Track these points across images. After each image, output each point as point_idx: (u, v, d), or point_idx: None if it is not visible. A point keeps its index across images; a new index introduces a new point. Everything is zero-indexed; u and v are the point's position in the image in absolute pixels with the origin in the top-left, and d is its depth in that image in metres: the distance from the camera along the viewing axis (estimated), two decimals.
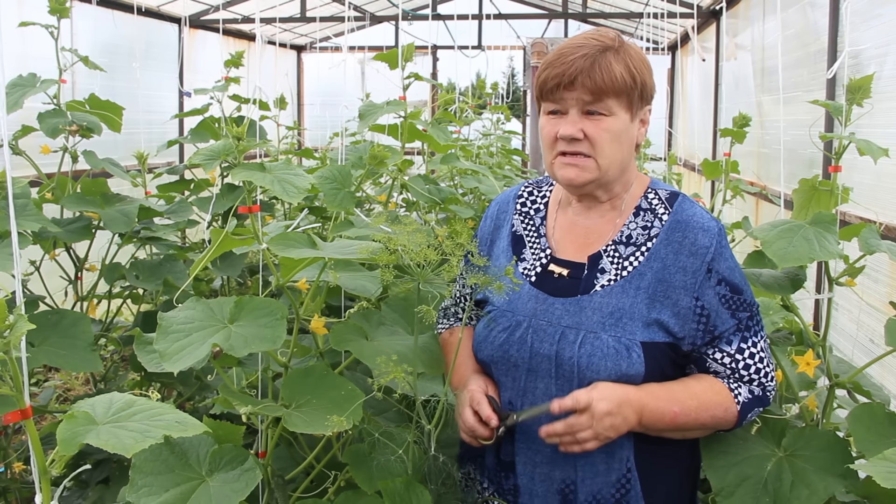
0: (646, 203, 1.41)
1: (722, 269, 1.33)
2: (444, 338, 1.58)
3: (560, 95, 1.33)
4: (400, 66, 2.23)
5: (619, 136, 1.34)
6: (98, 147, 2.51)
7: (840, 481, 1.29)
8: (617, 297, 1.34)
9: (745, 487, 1.33)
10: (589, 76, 1.30)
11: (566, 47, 1.35)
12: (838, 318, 2.88)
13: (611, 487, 1.34)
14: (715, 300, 1.32)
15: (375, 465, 1.36)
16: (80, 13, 4.76)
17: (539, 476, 1.37)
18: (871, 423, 1.33)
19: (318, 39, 8.36)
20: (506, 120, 4.40)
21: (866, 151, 1.51)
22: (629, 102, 1.34)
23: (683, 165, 6.64)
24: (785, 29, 4.15)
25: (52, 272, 2.54)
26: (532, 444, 1.36)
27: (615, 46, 1.34)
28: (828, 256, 1.40)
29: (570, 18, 7.68)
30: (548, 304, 1.37)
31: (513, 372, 1.38)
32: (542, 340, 1.35)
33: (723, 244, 1.35)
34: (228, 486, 1.16)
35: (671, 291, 1.32)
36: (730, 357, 1.34)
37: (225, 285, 2.98)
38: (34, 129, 2.34)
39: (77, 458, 1.95)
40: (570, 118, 1.34)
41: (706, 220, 1.37)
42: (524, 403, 1.36)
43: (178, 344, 1.21)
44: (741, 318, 1.34)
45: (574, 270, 1.40)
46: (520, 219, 1.52)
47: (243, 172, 1.38)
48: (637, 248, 1.37)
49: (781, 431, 1.40)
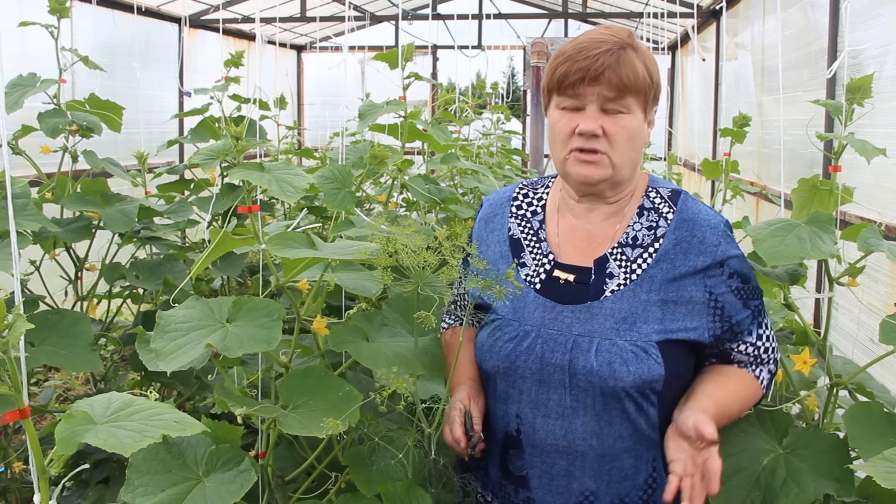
0: (648, 202, 1.39)
1: (732, 263, 1.34)
2: (446, 337, 1.55)
3: (581, 90, 1.29)
4: (400, 66, 2.23)
5: (634, 135, 1.32)
6: (98, 147, 2.51)
7: (833, 484, 1.29)
8: (629, 302, 1.31)
9: (737, 479, 1.33)
10: (615, 72, 1.28)
11: (586, 42, 1.31)
12: (838, 318, 2.88)
13: (638, 490, 1.32)
14: (728, 294, 1.33)
15: (375, 469, 1.35)
16: (80, 13, 4.76)
17: (556, 489, 1.33)
18: (867, 421, 1.32)
19: (318, 39, 8.36)
20: (506, 120, 4.39)
21: (861, 151, 1.51)
22: (645, 101, 1.33)
23: (683, 165, 6.64)
24: (785, 29, 4.15)
25: (52, 272, 2.53)
26: (547, 457, 1.32)
27: (633, 44, 1.32)
28: (820, 256, 1.39)
29: (570, 18, 7.68)
30: (556, 313, 1.34)
31: (521, 384, 1.33)
32: (553, 350, 1.31)
33: (730, 237, 1.36)
34: (224, 486, 1.16)
35: (683, 291, 1.32)
36: (752, 346, 1.37)
37: (225, 285, 2.98)
38: (34, 129, 2.34)
39: (76, 458, 1.95)
40: (588, 114, 1.30)
41: (712, 216, 1.37)
42: (535, 416, 1.32)
43: (174, 343, 1.20)
44: (753, 305, 1.36)
45: (581, 276, 1.36)
46: (516, 222, 1.47)
47: (242, 172, 1.38)
48: (644, 249, 1.35)
49: (785, 429, 1.40)
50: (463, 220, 2.39)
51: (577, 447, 1.31)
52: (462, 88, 6.19)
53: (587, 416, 1.29)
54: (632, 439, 1.31)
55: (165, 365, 1.16)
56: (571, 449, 1.31)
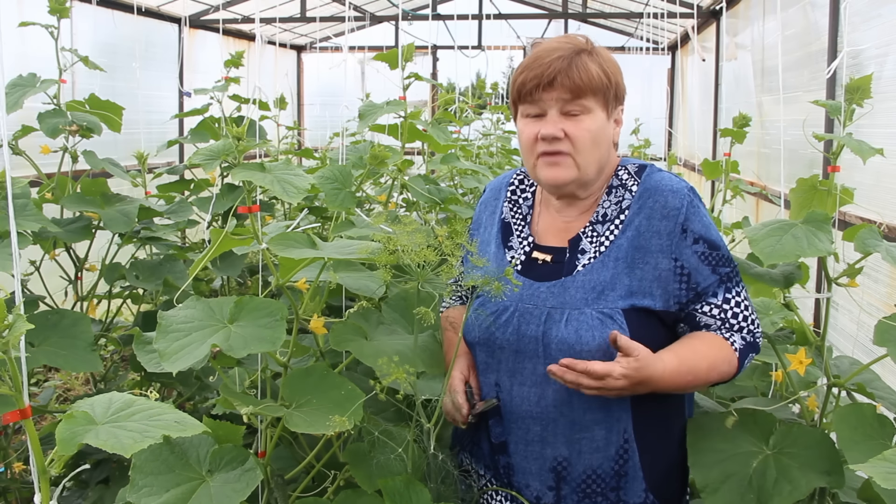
0: (617, 181, 1.45)
1: (696, 228, 1.37)
2: (443, 315, 1.62)
3: (539, 96, 1.38)
4: (400, 66, 2.23)
5: (597, 135, 1.38)
6: (98, 147, 2.51)
7: (823, 478, 1.30)
8: (598, 273, 1.37)
9: (729, 484, 1.34)
10: (567, 75, 1.35)
11: (541, 52, 1.40)
12: (838, 318, 2.88)
13: (609, 460, 1.37)
14: (694, 258, 1.37)
15: (375, 464, 1.37)
16: (80, 13, 4.76)
17: (532, 454, 1.40)
18: (857, 423, 1.32)
19: (318, 39, 8.36)
20: (506, 120, 4.40)
21: (857, 151, 1.51)
22: (605, 101, 1.39)
23: (683, 165, 6.64)
24: (785, 29, 4.15)
25: (52, 272, 2.53)
26: (522, 423, 1.40)
27: (588, 49, 1.40)
28: (816, 253, 1.40)
29: (570, 18, 7.67)
30: (534, 289, 1.41)
31: (499, 354, 1.42)
32: (528, 323, 1.38)
33: (694, 203, 1.39)
34: (229, 486, 1.17)
35: (649, 256, 1.36)
36: (718, 308, 1.38)
37: (225, 285, 2.98)
38: (34, 129, 2.34)
39: (77, 458, 1.95)
40: (549, 119, 1.38)
41: (675, 182, 1.41)
42: (512, 384, 1.40)
43: (177, 343, 1.20)
44: (722, 272, 1.39)
45: (556, 255, 1.44)
46: (509, 206, 1.56)
47: (243, 172, 1.38)
48: (611, 222, 1.41)
49: (770, 429, 1.41)
50: (463, 220, 2.39)
51: (550, 413, 1.37)
52: (462, 89, 6.19)
53: (558, 384, 1.33)
54: (602, 411, 1.36)
55: (170, 365, 1.16)
56: (544, 415, 1.38)
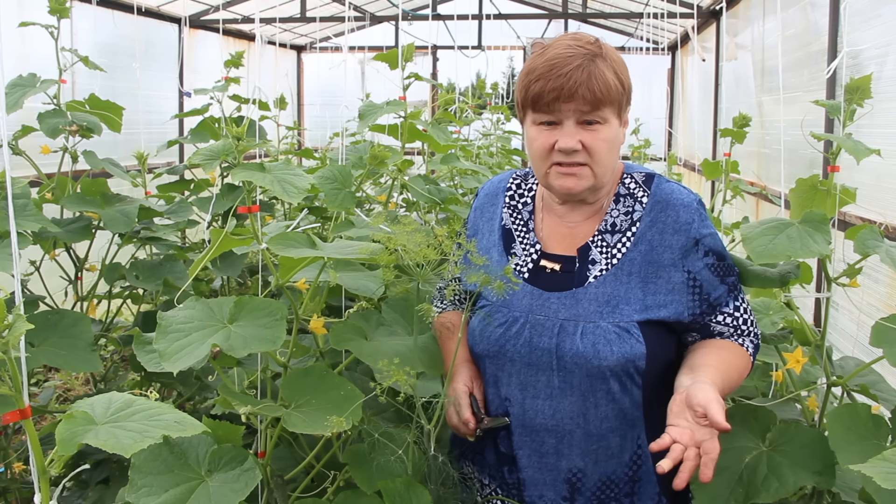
0: (624, 189, 1.44)
1: (707, 241, 1.38)
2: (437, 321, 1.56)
3: (556, 107, 1.33)
4: (400, 67, 2.23)
5: (612, 143, 1.37)
6: (98, 147, 2.51)
7: (813, 477, 1.29)
8: (611, 285, 1.36)
9: (721, 478, 1.33)
10: (588, 88, 1.30)
11: (556, 58, 1.33)
12: (839, 318, 2.88)
13: (623, 467, 1.37)
14: (705, 271, 1.38)
15: (375, 466, 1.36)
16: (80, 13, 4.76)
17: (546, 466, 1.38)
18: (851, 423, 1.31)
19: (318, 39, 8.35)
20: (506, 120, 4.40)
21: (853, 152, 1.49)
22: (619, 109, 1.36)
23: (683, 165, 6.64)
24: (785, 29, 4.15)
25: (52, 272, 2.53)
26: (536, 436, 1.38)
27: (602, 52, 1.35)
28: (810, 255, 1.39)
29: (570, 18, 7.67)
30: (543, 300, 1.39)
31: (510, 367, 1.39)
32: (540, 335, 1.36)
33: (703, 215, 1.40)
34: (228, 486, 1.16)
35: (662, 271, 1.36)
36: (731, 317, 1.40)
37: (225, 285, 2.98)
38: (34, 129, 2.34)
39: (76, 458, 1.95)
40: (566, 130, 1.33)
41: (685, 195, 1.41)
42: (525, 397, 1.38)
43: (177, 343, 1.20)
44: (729, 282, 1.41)
45: (566, 265, 1.42)
46: (509, 212, 1.52)
47: (243, 172, 1.38)
48: (622, 234, 1.40)
49: (768, 426, 1.41)
50: (463, 221, 2.39)
51: (565, 426, 1.36)
52: (462, 89, 6.19)
53: (574, 397, 1.34)
54: (617, 419, 1.36)
55: (170, 366, 1.16)
56: (560, 428, 1.36)
